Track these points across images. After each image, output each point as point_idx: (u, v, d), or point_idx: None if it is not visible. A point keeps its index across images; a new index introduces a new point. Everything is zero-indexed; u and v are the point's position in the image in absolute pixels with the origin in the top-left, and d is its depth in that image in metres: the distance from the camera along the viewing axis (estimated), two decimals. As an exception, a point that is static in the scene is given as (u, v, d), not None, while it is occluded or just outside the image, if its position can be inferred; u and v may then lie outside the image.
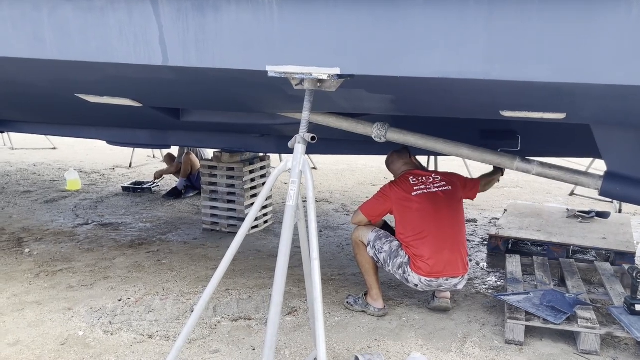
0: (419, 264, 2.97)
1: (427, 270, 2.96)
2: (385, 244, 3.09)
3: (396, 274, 3.08)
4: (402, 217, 3.07)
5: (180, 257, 4.10)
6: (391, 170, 3.37)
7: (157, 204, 5.71)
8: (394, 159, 3.33)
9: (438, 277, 2.98)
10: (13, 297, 3.31)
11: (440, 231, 3.02)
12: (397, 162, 3.31)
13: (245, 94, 3.00)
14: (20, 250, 4.17)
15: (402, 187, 3.11)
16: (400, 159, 3.30)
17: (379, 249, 3.09)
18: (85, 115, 4.16)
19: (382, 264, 3.11)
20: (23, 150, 8.72)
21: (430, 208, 3.04)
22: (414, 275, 2.98)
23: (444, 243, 3.00)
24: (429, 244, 2.97)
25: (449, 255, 3.00)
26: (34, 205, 5.54)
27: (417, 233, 3.00)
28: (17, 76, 3.18)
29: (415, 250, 2.99)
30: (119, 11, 2.35)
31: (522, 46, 1.87)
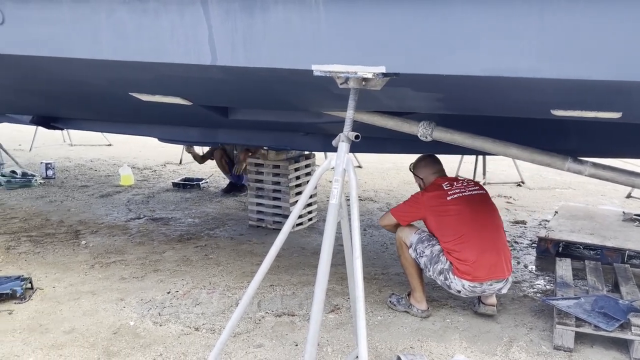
0: (462, 268, 2.91)
1: (472, 275, 2.90)
2: (426, 248, 3.05)
3: (437, 280, 3.03)
4: (440, 224, 3.02)
5: (226, 252, 4.19)
6: (419, 174, 3.27)
7: (206, 199, 5.85)
8: (427, 163, 3.27)
9: (482, 282, 2.91)
10: (70, 286, 3.48)
11: (481, 234, 2.96)
12: (430, 167, 3.25)
13: (290, 93, 3.03)
14: (77, 242, 4.37)
15: (435, 194, 3.07)
16: (434, 164, 3.26)
17: (420, 253, 3.06)
18: (139, 113, 4.31)
19: (423, 268, 3.08)
20: (81, 147, 9.11)
21: (468, 211, 2.99)
22: (457, 281, 2.94)
23: (486, 245, 2.94)
24: (471, 247, 2.91)
25: (492, 258, 2.94)
26: (90, 199, 5.79)
27: (458, 237, 2.94)
28: (76, 76, 3.33)
29: (457, 255, 2.93)
30: (171, 13, 2.42)
31: (576, 43, 1.81)
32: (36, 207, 5.39)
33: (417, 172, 3.29)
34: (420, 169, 3.28)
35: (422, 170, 3.26)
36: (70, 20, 2.66)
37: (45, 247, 4.22)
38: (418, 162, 3.31)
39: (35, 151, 8.58)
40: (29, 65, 3.14)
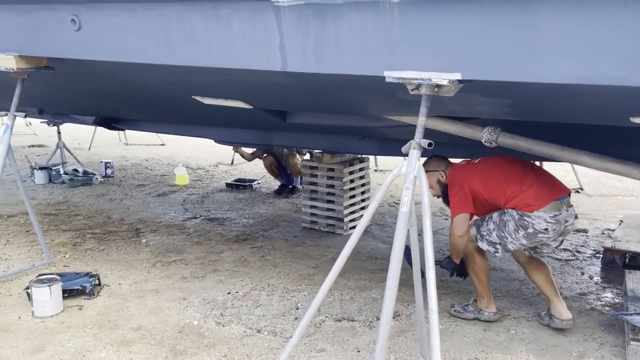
0: (529, 200, 2.86)
1: (541, 199, 2.86)
2: (488, 222, 2.99)
3: (519, 241, 2.92)
4: (486, 185, 2.97)
5: (282, 254, 4.22)
6: (437, 167, 3.18)
7: (259, 200, 5.92)
8: (438, 158, 3.24)
9: (556, 206, 2.86)
10: (135, 284, 3.58)
11: (524, 169, 2.99)
12: (442, 160, 3.23)
13: (354, 98, 3.02)
14: (138, 240, 4.50)
15: (462, 166, 3.13)
16: (443, 157, 3.26)
17: (487, 232, 2.98)
18: (197, 115, 4.40)
19: (502, 246, 2.97)
20: (136, 146, 9.40)
21: (499, 160, 3.05)
22: (536, 219, 2.84)
23: (534, 174, 2.97)
24: (524, 181, 2.92)
25: (547, 180, 2.98)
26: (148, 198, 5.95)
27: (507, 181, 2.93)
28: (143, 80, 3.44)
29: (519, 196, 2.89)
30: (242, 19, 2.46)
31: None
32: (98, 205, 5.59)
33: (435, 166, 3.19)
34: (434, 163, 3.21)
35: (438, 162, 3.21)
36: (143, 26, 2.73)
37: (108, 244, 4.37)
38: (429, 160, 3.24)
39: (93, 150, 8.91)
40: (100, 70, 3.26)
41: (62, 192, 6.13)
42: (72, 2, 2.84)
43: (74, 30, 2.92)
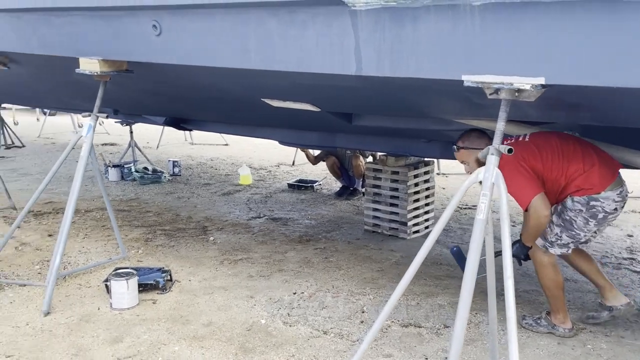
0: (597, 180, 2.71)
1: (607, 175, 2.72)
2: (552, 229, 2.83)
3: (591, 232, 2.81)
4: (544, 164, 2.75)
5: (345, 256, 4.23)
6: (477, 145, 2.86)
7: (320, 202, 5.96)
8: (479, 134, 2.95)
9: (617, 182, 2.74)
10: (204, 280, 3.69)
11: (580, 145, 2.82)
12: (484, 136, 2.94)
13: (427, 101, 2.98)
14: (205, 237, 4.64)
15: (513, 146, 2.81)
16: (484, 133, 2.97)
17: (557, 238, 2.83)
18: (264, 117, 4.48)
19: (575, 242, 2.83)
20: (200, 146, 9.69)
21: (551, 137, 2.84)
22: (605, 200, 2.70)
23: (592, 150, 2.81)
24: (586, 158, 2.75)
25: (604, 155, 2.82)
26: (213, 196, 6.12)
27: (566, 162, 2.74)
28: (216, 83, 3.53)
29: (580, 180, 2.72)
30: (318, 24, 2.48)
31: None
32: (167, 203, 5.80)
33: (475, 144, 2.90)
34: (474, 140, 2.93)
35: (479, 140, 2.92)
36: (222, 31, 2.81)
37: (178, 241, 4.52)
38: (468, 135, 2.96)
39: (161, 149, 9.25)
40: (177, 73, 3.38)
41: (134, 189, 6.41)
42: (154, 9, 2.96)
43: (155, 36, 3.04)
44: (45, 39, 3.67)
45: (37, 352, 2.73)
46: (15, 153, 8.57)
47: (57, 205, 5.45)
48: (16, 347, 2.78)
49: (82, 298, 3.36)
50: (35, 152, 8.76)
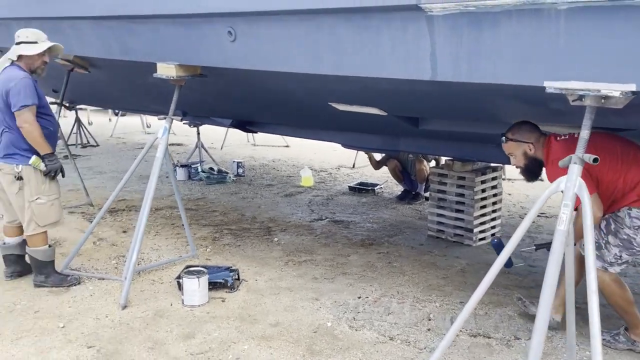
0: None
1: None
2: (610, 250, 2.71)
3: None
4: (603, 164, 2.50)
5: (409, 261, 4.19)
6: (527, 139, 2.80)
7: (381, 205, 5.93)
8: (531, 126, 2.84)
9: None
10: (269, 281, 3.76)
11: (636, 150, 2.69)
12: (536, 129, 2.84)
13: (501, 106, 2.91)
14: (270, 238, 4.72)
15: (567, 142, 2.66)
16: (536, 126, 2.86)
17: (616, 258, 2.71)
18: (329, 120, 4.51)
19: (635, 256, 2.74)
20: (262, 147, 9.88)
21: (609, 138, 2.71)
22: None
23: None
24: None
25: None
26: (276, 197, 6.23)
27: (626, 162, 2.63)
28: (285, 87, 3.60)
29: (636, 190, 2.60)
30: (393, 29, 2.47)
31: None
32: (232, 203, 5.95)
33: (524, 137, 2.81)
34: (525, 133, 2.82)
35: (529, 134, 2.82)
36: (295, 37, 2.86)
37: (244, 240, 4.63)
38: (519, 127, 2.84)
39: (225, 150, 9.50)
40: (248, 77, 3.47)
41: (200, 188, 6.62)
42: (230, 15, 3.05)
43: (230, 41, 3.14)
44: (126, 45, 3.87)
45: (116, 344, 2.87)
46: (91, 152, 9.05)
47: (130, 203, 5.71)
48: (97, 338, 2.94)
49: (156, 293, 3.51)
50: (108, 151, 9.22)
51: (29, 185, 3.44)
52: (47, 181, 3.50)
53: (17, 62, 3.46)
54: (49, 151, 3.43)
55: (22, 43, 3.47)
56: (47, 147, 3.43)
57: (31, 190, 3.45)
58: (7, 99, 3.35)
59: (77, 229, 4.83)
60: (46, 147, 3.42)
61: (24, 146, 3.41)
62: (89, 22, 4.02)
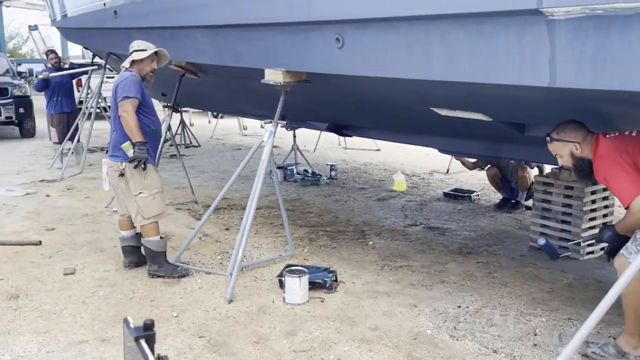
0: None
1: None
2: None
3: None
4: None
5: (511, 272, 4.04)
6: (574, 138, 2.73)
7: (478, 213, 5.77)
8: (577, 125, 2.76)
9: None
10: (366, 284, 3.79)
11: None
12: (582, 128, 2.76)
13: (623, 113, 2.74)
14: (364, 241, 4.75)
15: (617, 140, 2.62)
16: (583, 124, 2.77)
17: None
18: (428, 125, 4.46)
19: None
20: (353, 150, 9.95)
21: None
22: None
23: None
24: None
25: None
26: (369, 201, 6.25)
27: None
28: (389, 92, 3.61)
29: None
30: (509, 34, 2.41)
31: None
32: (326, 205, 6.06)
33: (570, 137, 2.74)
34: (570, 133, 2.75)
35: (575, 133, 2.75)
36: (404, 43, 2.87)
37: (339, 243, 4.70)
38: (564, 126, 2.78)
39: (317, 152, 9.68)
40: (353, 83, 3.52)
41: (295, 190, 6.79)
42: (338, 22, 3.12)
43: (337, 48, 3.21)
44: (237, 52, 4.07)
45: (224, 336, 3.03)
46: (193, 152, 9.59)
47: (231, 202, 5.98)
48: (207, 329, 3.11)
49: (259, 290, 3.66)
50: (209, 151, 9.72)
51: (133, 181, 3.73)
52: (149, 176, 3.75)
53: (131, 69, 3.79)
54: (140, 140, 3.66)
55: (134, 52, 3.80)
56: (139, 137, 3.65)
57: (135, 185, 3.73)
58: (116, 94, 3.67)
59: (184, 225, 5.14)
60: (138, 136, 3.65)
61: None
62: (203, 31, 4.28)
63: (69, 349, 2.87)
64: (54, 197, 6.19)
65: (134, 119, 3.63)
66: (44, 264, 4.09)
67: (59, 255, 4.28)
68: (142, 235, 3.86)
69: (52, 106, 7.99)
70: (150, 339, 0.89)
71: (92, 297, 3.52)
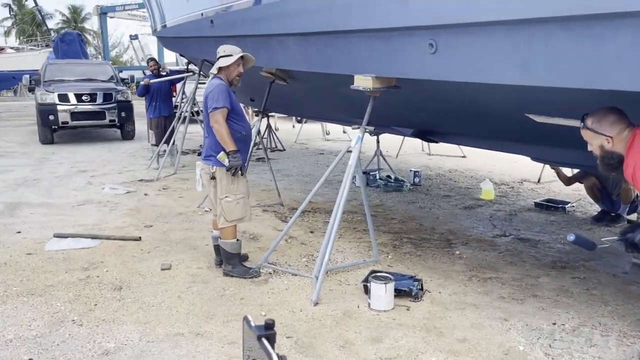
0: None
1: None
2: None
3: None
4: None
5: (611, 290, 3.78)
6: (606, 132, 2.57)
7: (573, 225, 5.45)
8: (618, 117, 2.56)
9: None
10: (453, 294, 3.70)
11: None
12: (622, 120, 2.56)
13: None
14: (451, 251, 4.64)
15: None
16: (624, 115, 2.57)
17: None
18: (521, 132, 4.27)
19: None
20: (437, 157, 9.76)
21: None
22: None
23: None
24: None
25: None
26: (454, 209, 6.10)
27: None
28: (481, 98, 3.51)
29: None
30: (620, 37, 2.27)
31: None
32: (409, 211, 5.98)
33: (604, 129, 2.57)
34: (606, 125, 2.57)
35: (611, 126, 2.56)
36: (502, 47, 2.78)
37: (424, 251, 4.62)
38: (603, 116, 2.58)
39: (400, 158, 9.59)
40: (447, 89, 3.46)
41: (378, 195, 6.77)
42: (432, 28, 3.09)
43: (430, 54, 3.17)
44: (327, 58, 4.14)
45: (310, 338, 3.08)
46: (278, 156, 9.84)
47: (315, 205, 6.07)
48: (294, 330, 3.18)
49: (343, 294, 3.68)
50: (293, 155, 9.93)
51: (221, 184, 3.88)
52: (236, 182, 3.88)
53: (218, 75, 3.94)
54: (233, 149, 3.79)
55: (221, 57, 3.94)
56: (232, 146, 3.79)
57: (222, 188, 3.88)
58: (206, 103, 3.84)
59: (271, 227, 5.29)
60: (231, 145, 3.79)
61: (219, 149, 3.84)
62: (294, 39, 4.39)
63: (166, 340, 3.04)
64: (151, 196, 6.59)
65: (225, 129, 3.79)
66: (143, 258, 4.37)
67: (157, 250, 4.56)
68: (220, 236, 4.02)
69: (152, 110, 8.53)
70: (272, 338, 0.92)
71: (187, 292, 3.71)
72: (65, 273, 4.02)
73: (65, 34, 20.54)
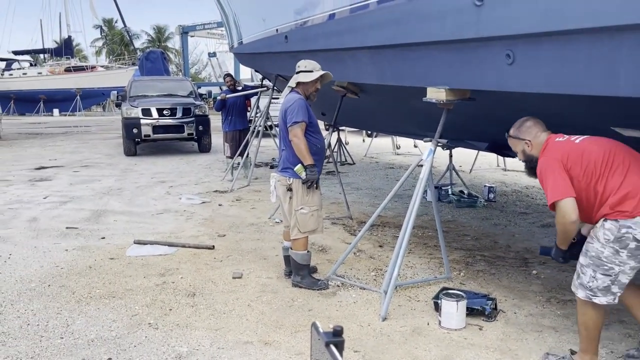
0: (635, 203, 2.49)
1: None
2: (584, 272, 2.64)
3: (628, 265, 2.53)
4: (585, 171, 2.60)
5: None
6: (525, 136, 2.90)
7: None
8: (534, 123, 2.91)
9: None
10: (530, 316, 3.52)
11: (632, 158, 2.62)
12: (538, 125, 2.91)
13: None
14: (527, 270, 4.43)
15: (560, 142, 2.76)
16: (540, 122, 2.92)
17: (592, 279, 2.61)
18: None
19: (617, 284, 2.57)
20: (514, 172, 9.39)
21: (605, 145, 2.69)
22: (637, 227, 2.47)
23: None
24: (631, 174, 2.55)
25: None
26: (532, 227, 5.82)
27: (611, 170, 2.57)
28: (565, 110, 3.34)
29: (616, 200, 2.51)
30: None
31: None
32: (483, 228, 5.78)
33: (523, 134, 2.91)
34: (525, 131, 2.91)
35: (529, 130, 2.91)
36: (585, 57, 2.64)
37: (498, 269, 4.44)
38: (521, 124, 2.94)
39: (474, 173, 9.32)
40: (526, 101, 3.33)
41: (450, 211, 6.60)
42: (509, 38, 2.99)
43: (507, 64, 3.06)
44: (398, 71, 4.11)
45: (378, 353, 3.04)
46: (348, 169, 9.87)
47: (384, 219, 6.02)
48: (361, 344, 3.15)
49: (412, 310, 3.60)
50: (363, 169, 9.92)
51: (296, 196, 3.92)
52: (311, 194, 3.91)
53: (296, 89, 4.00)
54: (310, 162, 3.84)
55: (301, 72, 4.00)
56: (310, 159, 3.83)
57: (297, 200, 3.92)
58: (285, 118, 3.90)
59: (340, 239, 5.29)
60: (309, 159, 3.83)
61: (296, 162, 3.89)
62: (366, 52, 4.41)
63: (236, 348, 3.11)
64: (225, 207, 6.80)
65: (304, 143, 3.85)
66: (216, 266, 4.50)
67: (229, 259, 4.68)
68: (291, 247, 4.05)
69: (228, 124, 8.84)
70: (340, 345, 0.92)
71: (257, 301, 3.78)
72: (143, 278, 4.22)
73: (149, 53, 21.87)
